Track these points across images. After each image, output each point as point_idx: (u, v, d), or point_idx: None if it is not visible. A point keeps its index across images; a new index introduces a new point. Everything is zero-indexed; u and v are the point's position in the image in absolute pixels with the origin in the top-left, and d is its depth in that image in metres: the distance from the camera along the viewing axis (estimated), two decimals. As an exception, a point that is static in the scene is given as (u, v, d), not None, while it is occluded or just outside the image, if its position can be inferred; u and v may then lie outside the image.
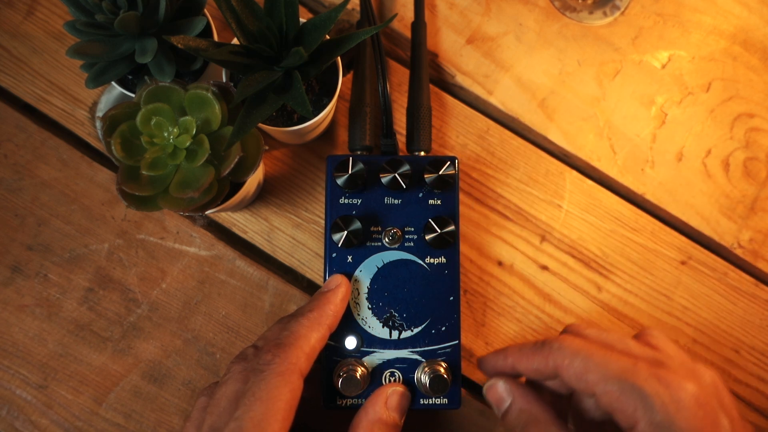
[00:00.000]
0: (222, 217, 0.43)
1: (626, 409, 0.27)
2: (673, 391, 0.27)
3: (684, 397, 0.27)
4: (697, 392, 0.27)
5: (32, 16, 0.44)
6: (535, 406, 0.32)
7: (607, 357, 0.29)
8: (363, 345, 0.37)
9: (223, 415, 0.30)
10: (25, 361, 0.41)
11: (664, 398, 0.27)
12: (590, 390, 0.29)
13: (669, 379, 0.27)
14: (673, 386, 0.27)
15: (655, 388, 0.27)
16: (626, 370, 0.28)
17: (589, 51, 0.46)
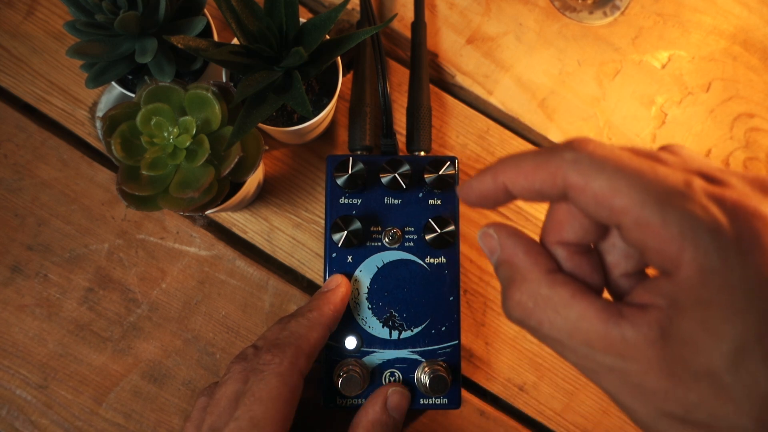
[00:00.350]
0: (222, 217, 0.43)
1: (668, 249, 0.19)
2: (745, 225, 0.18)
3: (758, 236, 0.18)
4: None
5: (32, 16, 0.44)
6: (520, 256, 0.24)
7: (646, 170, 0.20)
8: (363, 345, 0.37)
9: (223, 415, 0.30)
10: (25, 361, 0.41)
11: (728, 234, 0.18)
12: (616, 219, 0.20)
13: (744, 208, 0.18)
14: (747, 217, 0.18)
15: (722, 218, 0.18)
16: (675, 190, 0.19)
17: (589, 51, 0.46)
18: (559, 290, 0.22)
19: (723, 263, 0.18)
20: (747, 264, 0.18)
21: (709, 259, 0.18)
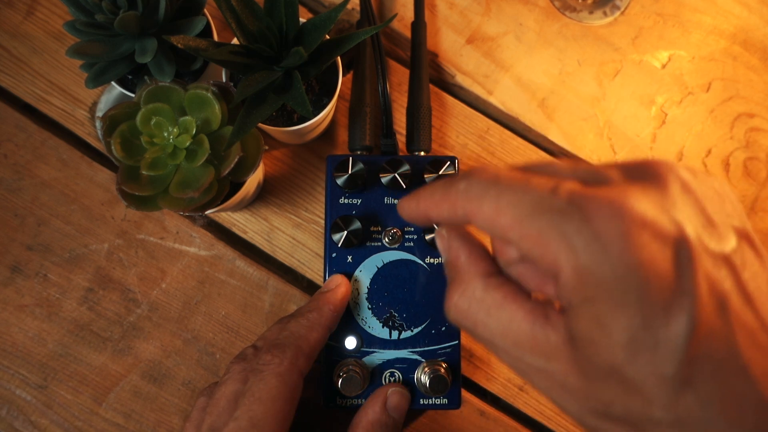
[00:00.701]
0: (222, 217, 0.43)
1: (547, 255, 0.20)
2: (603, 218, 0.18)
3: (616, 225, 0.18)
4: (644, 212, 0.19)
5: (32, 16, 0.44)
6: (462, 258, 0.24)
7: (523, 187, 0.20)
8: (363, 345, 0.37)
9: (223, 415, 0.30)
10: (25, 361, 0.41)
11: (590, 230, 0.19)
12: (506, 237, 0.21)
13: (600, 201, 0.19)
14: (604, 210, 0.19)
15: (578, 216, 0.19)
16: (542, 200, 0.20)
17: (589, 51, 0.46)
18: (493, 293, 0.23)
19: (592, 260, 0.19)
20: (611, 256, 0.18)
21: (580, 259, 0.19)
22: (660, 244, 0.18)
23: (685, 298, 0.18)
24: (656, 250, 0.18)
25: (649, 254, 0.18)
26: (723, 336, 0.18)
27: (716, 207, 0.20)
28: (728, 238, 0.20)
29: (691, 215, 0.19)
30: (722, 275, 0.19)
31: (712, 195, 0.21)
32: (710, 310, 0.18)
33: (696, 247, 0.19)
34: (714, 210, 0.20)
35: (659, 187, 0.20)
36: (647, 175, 0.20)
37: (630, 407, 0.19)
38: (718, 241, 0.19)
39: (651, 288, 0.18)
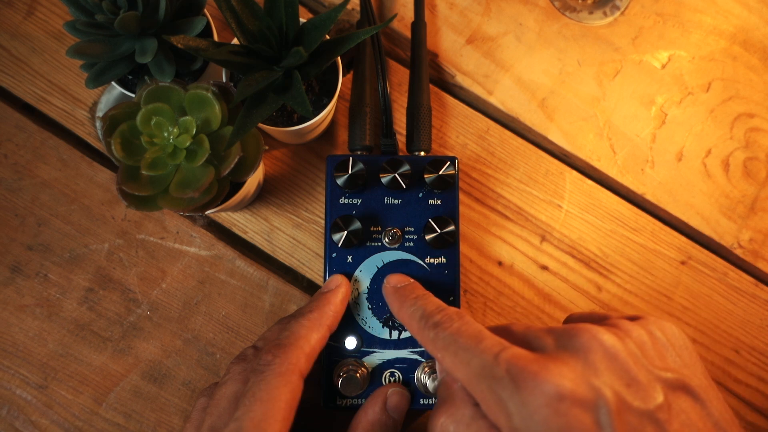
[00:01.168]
0: (222, 217, 0.43)
1: (490, 413, 0.23)
2: (530, 389, 0.22)
3: (540, 396, 0.21)
4: (564, 384, 0.21)
5: (32, 16, 0.44)
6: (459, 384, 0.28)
7: (474, 349, 0.24)
8: (363, 345, 0.37)
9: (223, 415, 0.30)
10: (25, 361, 0.41)
11: (520, 398, 0.22)
12: (465, 386, 0.25)
13: (529, 373, 0.22)
14: (531, 382, 0.22)
15: (511, 386, 0.22)
16: (486, 365, 0.23)
17: (589, 51, 0.46)
18: (480, 422, 0.25)
19: (523, 424, 0.21)
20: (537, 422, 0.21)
21: (513, 422, 0.22)
22: (580, 410, 0.21)
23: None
24: (576, 415, 0.21)
25: (570, 419, 0.21)
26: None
27: (642, 366, 0.23)
28: (654, 394, 0.22)
29: (612, 379, 0.22)
30: (645, 430, 0.21)
31: (640, 353, 0.23)
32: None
33: (615, 408, 0.21)
34: (640, 369, 0.22)
35: (582, 356, 0.22)
36: (573, 344, 0.23)
37: None
38: (643, 398, 0.22)
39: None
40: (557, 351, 0.23)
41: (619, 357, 0.22)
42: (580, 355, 0.23)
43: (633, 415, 0.21)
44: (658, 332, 0.25)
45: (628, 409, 0.21)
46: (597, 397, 0.21)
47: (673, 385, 0.23)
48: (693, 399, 0.23)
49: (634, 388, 0.22)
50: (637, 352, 0.23)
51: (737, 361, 0.43)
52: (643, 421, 0.21)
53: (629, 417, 0.21)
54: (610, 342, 0.23)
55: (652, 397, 0.22)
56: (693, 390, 0.23)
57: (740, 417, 0.42)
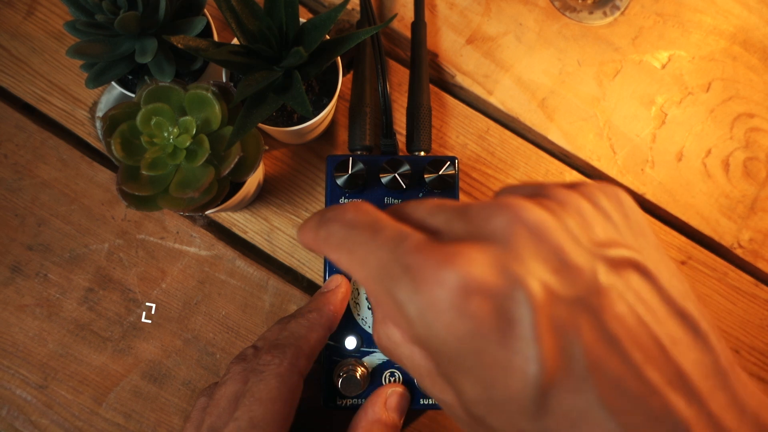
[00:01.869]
0: (222, 217, 0.43)
1: (393, 320, 0.20)
2: (432, 286, 0.17)
3: (445, 294, 0.17)
4: (474, 275, 0.17)
5: (32, 16, 0.44)
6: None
7: (371, 243, 0.19)
8: (363, 345, 0.37)
9: (223, 415, 0.30)
10: (25, 361, 0.41)
11: (420, 300, 0.18)
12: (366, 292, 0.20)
13: (431, 268, 0.18)
14: (432, 278, 0.17)
15: (410, 286, 0.18)
16: (383, 262, 0.19)
17: (589, 51, 0.46)
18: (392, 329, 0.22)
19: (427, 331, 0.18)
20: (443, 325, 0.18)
21: (416, 329, 0.18)
22: (493, 305, 0.17)
23: (525, 356, 0.17)
24: (489, 312, 0.17)
25: (481, 319, 0.17)
26: (578, 386, 0.17)
27: (577, 245, 0.18)
28: (589, 277, 0.18)
29: (536, 265, 0.17)
30: (577, 321, 0.17)
31: (577, 229, 0.19)
32: (558, 361, 0.17)
33: (537, 297, 0.17)
34: (574, 249, 0.18)
35: (501, 240, 0.18)
36: (492, 223, 0.18)
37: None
38: (574, 283, 0.18)
39: (485, 352, 0.17)
40: (470, 237, 0.19)
41: (547, 236, 0.18)
42: (497, 239, 0.18)
43: (561, 305, 0.17)
44: (601, 199, 0.20)
45: (555, 300, 0.17)
46: (513, 289, 0.17)
47: (616, 264, 0.19)
48: (641, 274, 0.19)
49: (565, 273, 0.18)
50: (574, 228, 0.19)
51: (737, 361, 0.43)
52: (574, 312, 0.17)
53: (557, 309, 0.17)
54: (538, 219, 0.18)
55: (586, 280, 0.18)
56: (641, 265, 0.19)
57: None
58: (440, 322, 0.17)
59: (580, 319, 0.17)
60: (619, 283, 0.18)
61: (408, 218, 0.21)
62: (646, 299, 0.18)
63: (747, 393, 0.18)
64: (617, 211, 0.20)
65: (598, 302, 0.18)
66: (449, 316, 0.17)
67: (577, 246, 0.18)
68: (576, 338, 0.17)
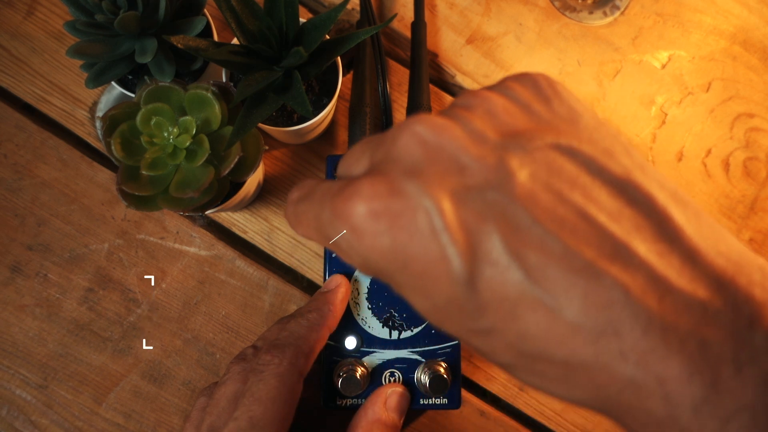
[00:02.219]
0: (222, 217, 0.43)
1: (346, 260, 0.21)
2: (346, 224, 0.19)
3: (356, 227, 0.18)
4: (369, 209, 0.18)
5: (32, 16, 0.44)
6: None
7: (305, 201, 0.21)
8: (363, 345, 0.37)
9: (223, 415, 0.30)
10: (25, 361, 0.41)
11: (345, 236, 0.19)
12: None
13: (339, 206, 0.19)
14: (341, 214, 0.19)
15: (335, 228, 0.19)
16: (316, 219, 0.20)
17: (589, 51, 0.46)
18: None
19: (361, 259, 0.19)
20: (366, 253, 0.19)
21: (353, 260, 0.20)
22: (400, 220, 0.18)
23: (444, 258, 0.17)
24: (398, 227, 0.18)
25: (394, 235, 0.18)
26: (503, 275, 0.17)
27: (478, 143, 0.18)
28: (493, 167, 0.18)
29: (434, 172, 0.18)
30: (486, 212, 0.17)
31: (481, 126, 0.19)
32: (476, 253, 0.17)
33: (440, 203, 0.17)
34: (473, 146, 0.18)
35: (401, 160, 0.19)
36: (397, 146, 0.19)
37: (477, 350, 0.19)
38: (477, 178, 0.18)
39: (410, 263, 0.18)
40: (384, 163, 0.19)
41: (444, 143, 0.18)
42: (401, 159, 0.18)
43: (470, 201, 0.17)
44: (517, 91, 0.20)
45: (462, 198, 0.17)
46: (418, 200, 0.17)
47: (531, 150, 0.18)
48: (565, 155, 0.18)
49: (467, 172, 0.18)
50: (478, 127, 0.18)
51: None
52: (484, 203, 0.17)
53: (465, 205, 0.17)
54: (431, 130, 0.18)
55: (491, 171, 0.17)
56: (564, 146, 0.18)
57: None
58: (364, 246, 0.18)
59: (491, 208, 0.17)
60: (532, 166, 0.17)
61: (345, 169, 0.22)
62: (571, 177, 0.17)
63: (712, 249, 0.17)
64: (536, 100, 0.20)
65: (509, 187, 0.17)
66: (368, 239, 0.18)
67: (478, 143, 0.18)
68: (490, 226, 0.17)
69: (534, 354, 0.17)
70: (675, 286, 0.16)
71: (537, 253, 0.16)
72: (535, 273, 0.16)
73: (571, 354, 0.16)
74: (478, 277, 0.17)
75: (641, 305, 0.16)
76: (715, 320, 0.15)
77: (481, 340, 0.18)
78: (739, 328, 0.15)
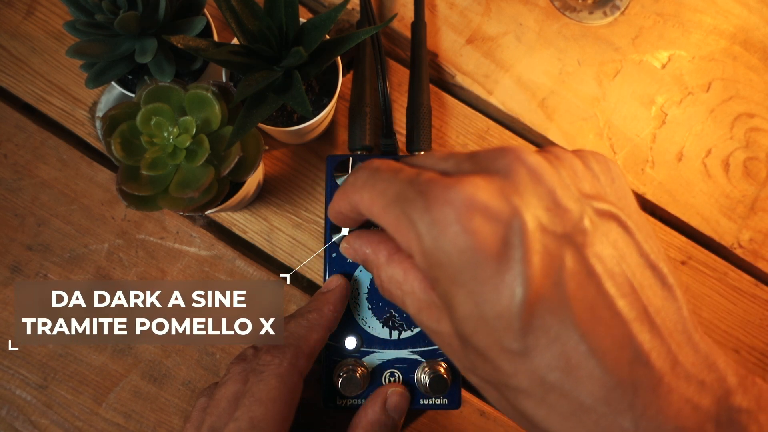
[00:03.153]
0: (222, 217, 0.43)
1: (403, 240, 0.22)
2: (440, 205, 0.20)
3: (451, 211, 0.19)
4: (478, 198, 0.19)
5: (32, 16, 0.44)
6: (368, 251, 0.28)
7: (392, 178, 0.23)
8: (363, 345, 0.37)
9: (223, 415, 0.30)
10: (25, 361, 0.41)
11: (430, 216, 0.20)
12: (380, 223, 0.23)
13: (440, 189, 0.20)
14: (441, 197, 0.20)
15: (421, 204, 0.20)
16: (401, 189, 0.22)
17: (589, 51, 0.46)
18: (396, 269, 0.26)
19: (433, 244, 0.20)
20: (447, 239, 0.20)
21: (424, 243, 0.21)
22: (492, 227, 0.19)
23: (514, 276, 0.19)
24: (488, 232, 0.19)
25: (481, 236, 0.19)
26: (557, 309, 0.19)
27: (568, 191, 0.21)
28: (576, 218, 0.20)
29: (532, 201, 0.20)
30: (562, 253, 0.20)
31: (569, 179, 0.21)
32: (543, 284, 0.19)
33: (530, 227, 0.19)
34: (565, 193, 0.21)
35: (503, 175, 0.20)
36: (496, 164, 0.21)
37: (487, 372, 0.21)
38: (563, 221, 0.20)
39: (481, 267, 0.19)
40: (475, 171, 0.21)
41: (544, 179, 0.20)
42: (502, 174, 0.20)
43: (549, 237, 0.20)
44: (592, 162, 0.23)
45: (544, 232, 0.20)
46: (512, 216, 0.19)
47: (600, 214, 0.21)
48: (621, 228, 0.21)
49: (555, 212, 0.20)
50: (566, 178, 0.21)
51: (737, 361, 0.43)
52: (560, 244, 0.20)
53: (545, 239, 0.19)
54: (537, 163, 0.21)
55: (573, 221, 0.20)
56: (622, 221, 0.21)
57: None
58: (446, 235, 0.20)
59: (565, 251, 0.20)
60: (601, 229, 0.21)
61: (422, 166, 0.23)
62: (622, 248, 0.21)
63: (702, 340, 0.21)
64: (605, 174, 0.23)
65: (582, 240, 0.20)
66: (454, 229, 0.19)
67: (567, 192, 0.21)
68: (560, 267, 0.19)
69: (555, 385, 0.20)
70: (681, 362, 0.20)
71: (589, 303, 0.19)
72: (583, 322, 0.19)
73: (589, 395, 0.19)
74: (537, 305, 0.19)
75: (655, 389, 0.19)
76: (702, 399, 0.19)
77: (509, 359, 0.20)
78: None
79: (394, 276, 0.26)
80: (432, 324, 0.24)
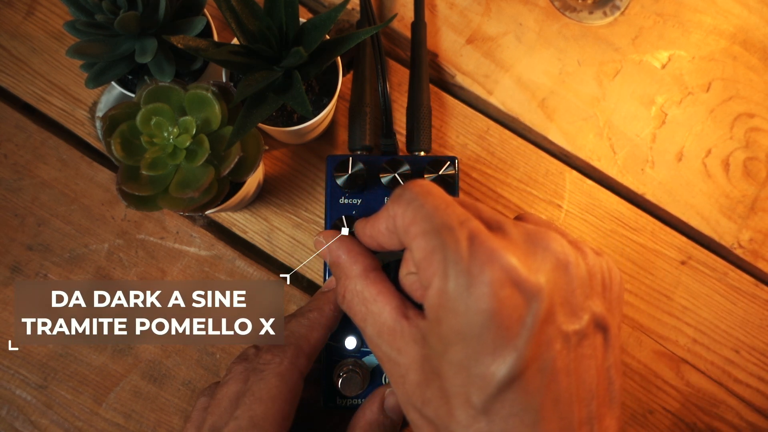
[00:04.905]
0: (222, 217, 0.43)
1: (428, 269, 0.23)
2: (480, 261, 0.21)
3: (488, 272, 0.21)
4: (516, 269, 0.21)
5: (32, 16, 0.44)
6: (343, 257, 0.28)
7: (442, 209, 0.23)
8: (363, 345, 0.37)
9: (224, 415, 0.30)
10: (25, 361, 0.41)
11: (465, 265, 0.21)
12: (409, 242, 0.24)
13: (486, 248, 0.21)
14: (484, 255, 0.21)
15: (465, 252, 0.21)
16: (447, 225, 0.22)
17: (589, 51, 0.46)
18: (370, 287, 0.27)
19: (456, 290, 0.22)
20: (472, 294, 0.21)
21: (447, 285, 0.22)
22: (516, 302, 0.21)
23: (513, 351, 0.21)
24: (511, 306, 0.21)
25: (504, 306, 0.21)
26: (532, 391, 0.21)
27: (583, 290, 0.23)
28: (579, 319, 0.23)
29: (555, 287, 0.22)
30: (557, 347, 0.22)
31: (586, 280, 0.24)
32: (531, 366, 0.21)
33: (543, 314, 0.21)
34: (579, 293, 0.23)
35: (541, 255, 0.23)
36: (539, 242, 0.23)
37: (438, 413, 0.23)
38: (568, 318, 0.23)
39: (490, 331, 0.21)
40: (519, 241, 0.23)
41: (570, 273, 0.23)
42: (540, 252, 0.23)
43: (553, 328, 0.22)
44: (606, 270, 0.26)
45: (552, 322, 0.22)
46: (535, 295, 0.21)
47: (596, 320, 0.24)
48: (604, 339, 0.24)
49: (567, 306, 0.23)
50: (585, 278, 0.24)
51: (737, 361, 0.43)
52: (557, 337, 0.22)
53: (550, 330, 0.22)
54: (572, 257, 0.23)
55: (576, 320, 0.23)
56: (608, 332, 0.24)
57: (740, 417, 0.42)
58: (474, 290, 0.21)
59: (561, 347, 0.22)
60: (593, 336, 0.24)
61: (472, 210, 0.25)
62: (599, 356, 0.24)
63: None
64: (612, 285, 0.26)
65: (574, 341, 0.23)
66: (484, 290, 0.21)
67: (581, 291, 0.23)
68: (552, 359, 0.22)
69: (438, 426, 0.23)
70: None
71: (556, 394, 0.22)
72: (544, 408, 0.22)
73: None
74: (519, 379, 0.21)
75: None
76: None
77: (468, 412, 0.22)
78: None
79: (363, 292, 0.27)
80: (390, 351, 0.25)
